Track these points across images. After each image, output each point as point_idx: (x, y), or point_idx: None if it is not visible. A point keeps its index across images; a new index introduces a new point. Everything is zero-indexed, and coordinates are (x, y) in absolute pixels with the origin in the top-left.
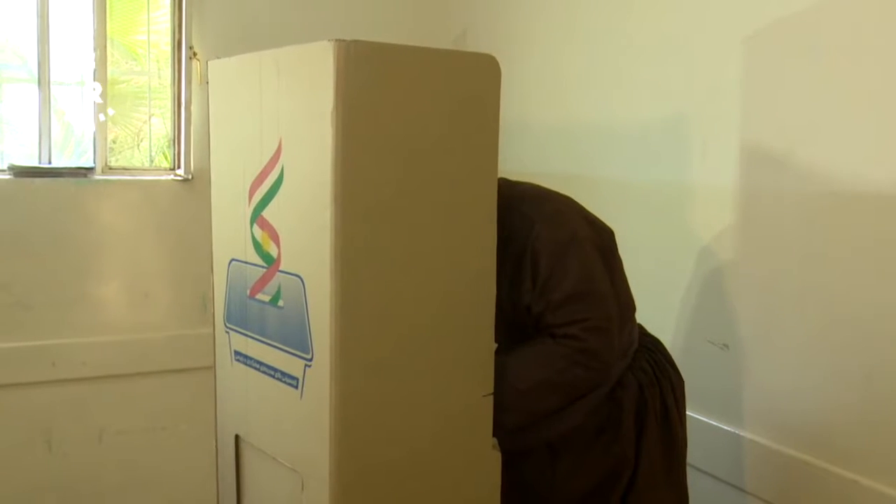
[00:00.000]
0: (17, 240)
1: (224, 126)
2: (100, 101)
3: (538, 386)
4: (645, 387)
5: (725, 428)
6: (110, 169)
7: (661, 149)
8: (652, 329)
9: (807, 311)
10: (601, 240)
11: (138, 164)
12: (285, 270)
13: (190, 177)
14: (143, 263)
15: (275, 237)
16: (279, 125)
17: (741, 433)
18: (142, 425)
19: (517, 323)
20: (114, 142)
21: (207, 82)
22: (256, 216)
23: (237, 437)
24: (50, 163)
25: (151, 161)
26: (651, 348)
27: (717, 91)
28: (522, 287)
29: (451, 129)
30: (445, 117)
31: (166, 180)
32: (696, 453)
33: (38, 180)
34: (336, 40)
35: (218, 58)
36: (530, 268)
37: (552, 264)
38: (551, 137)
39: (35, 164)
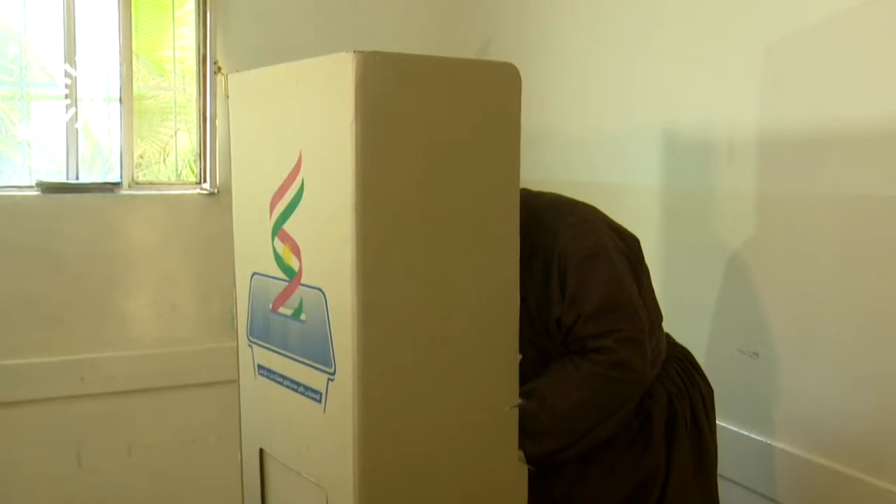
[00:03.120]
0: (46, 255)
1: (245, 140)
2: (126, 117)
3: (578, 407)
4: (674, 397)
5: (756, 437)
6: (137, 184)
7: (687, 154)
8: (680, 338)
9: (839, 318)
10: (628, 248)
11: (165, 179)
12: (307, 284)
13: (216, 190)
14: (170, 277)
15: (296, 250)
16: (299, 138)
17: (773, 443)
18: (171, 439)
19: (547, 336)
20: (141, 157)
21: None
22: (278, 230)
23: (261, 451)
24: (77, 178)
25: (178, 175)
26: (680, 358)
27: (743, 95)
28: (552, 299)
29: (471, 139)
30: (466, 127)
31: (192, 194)
32: (726, 463)
33: (65, 196)
34: (354, 51)
35: (240, 72)
36: (558, 279)
37: (580, 275)
38: (577, 145)
39: (63, 179)
